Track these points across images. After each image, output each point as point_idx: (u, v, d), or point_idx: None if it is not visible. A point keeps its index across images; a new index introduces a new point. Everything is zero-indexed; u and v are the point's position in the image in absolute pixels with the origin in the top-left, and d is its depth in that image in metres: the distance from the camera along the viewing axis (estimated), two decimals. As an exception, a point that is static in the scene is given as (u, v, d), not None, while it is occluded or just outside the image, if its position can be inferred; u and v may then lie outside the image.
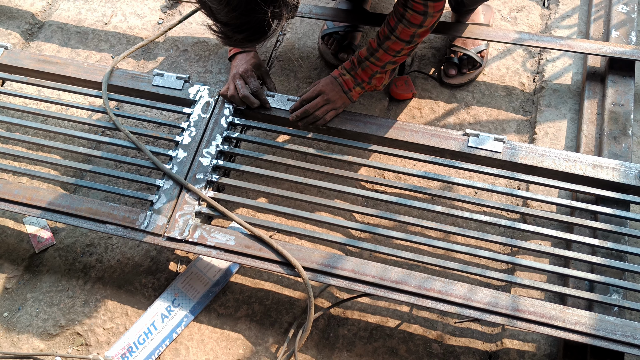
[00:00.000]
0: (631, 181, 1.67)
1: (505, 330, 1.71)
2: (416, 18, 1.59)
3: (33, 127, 1.90)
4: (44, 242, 1.90)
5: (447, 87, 2.11)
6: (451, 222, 1.84)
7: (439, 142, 1.76)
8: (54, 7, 2.47)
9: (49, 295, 1.83)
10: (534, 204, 1.86)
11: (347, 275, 1.58)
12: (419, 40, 1.68)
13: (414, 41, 1.66)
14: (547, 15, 2.27)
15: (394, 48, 1.68)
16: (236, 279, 1.81)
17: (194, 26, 2.34)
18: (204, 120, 1.84)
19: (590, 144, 1.87)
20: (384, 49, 1.69)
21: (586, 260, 1.58)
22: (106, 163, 2.00)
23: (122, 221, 1.68)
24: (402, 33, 1.64)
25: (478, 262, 1.78)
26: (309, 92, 1.81)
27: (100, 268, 1.86)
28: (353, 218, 1.87)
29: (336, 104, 1.79)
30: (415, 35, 1.64)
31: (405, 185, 1.71)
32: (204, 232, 1.66)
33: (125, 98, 1.91)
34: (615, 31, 2.04)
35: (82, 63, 1.97)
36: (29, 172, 1.80)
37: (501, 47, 2.19)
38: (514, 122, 2.03)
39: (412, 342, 1.70)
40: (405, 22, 1.61)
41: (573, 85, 2.07)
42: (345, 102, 1.81)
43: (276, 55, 2.25)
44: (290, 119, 1.81)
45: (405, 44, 1.66)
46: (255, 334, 1.74)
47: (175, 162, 1.77)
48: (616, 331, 1.47)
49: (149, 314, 1.74)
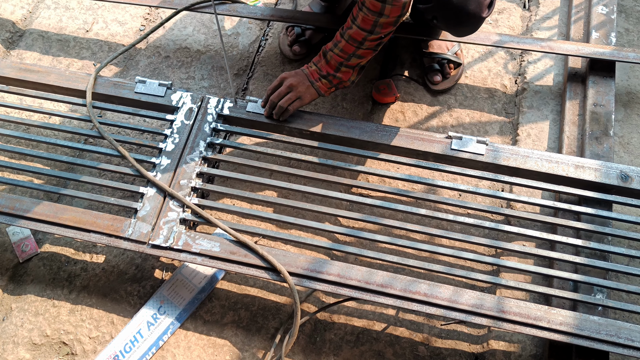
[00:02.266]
0: (613, 181, 1.69)
1: (491, 332, 1.71)
2: (374, 5, 1.58)
3: (15, 137, 1.89)
4: (28, 252, 1.89)
5: (431, 91, 2.11)
6: (435, 225, 1.85)
7: (422, 145, 1.77)
8: (34, 15, 2.45)
9: (34, 305, 1.81)
10: (518, 206, 1.87)
11: (333, 280, 1.58)
12: (382, 32, 1.66)
13: (376, 32, 1.65)
14: (527, 17, 2.28)
15: (355, 38, 1.68)
16: (222, 285, 1.81)
17: (175, 32, 2.33)
18: (187, 126, 1.83)
19: (573, 145, 1.89)
20: (346, 39, 1.69)
21: (570, 260, 1.59)
22: (89, 171, 1.99)
23: (106, 229, 1.68)
24: (363, 21, 1.63)
25: (463, 264, 1.78)
26: (274, 82, 1.82)
27: (85, 277, 1.85)
28: (338, 222, 1.87)
29: (300, 92, 1.79)
30: (377, 25, 1.63)
31: (389, 189, 1.72)
32: (189, 239, 1.66)
33: (108, 106, 1.90)
34: (595, 32, 2.06)
35: (63, 71, 1.96)
36: (12, 182, 1.79)
37: (483, 50, 2.20)
38: (497, 124, 2.05)
39: (398, 345, 1.71)
40: (365, 10, 1.61)
41: (554, 87, 2.09)
42: (312, 93, 1.80)
43: (259, 60, 2.25)
44: (265, 115, 1.83)
45: (367, 33, 1.66)
46: (242, 340, 1.74)
47: (159, 169, 1.76)
48: (600, 330, 1.48)
49: (135, 322, 1.73)
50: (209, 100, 1.88)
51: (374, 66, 2.16)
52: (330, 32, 1.75)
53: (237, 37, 2.31)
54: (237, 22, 2.35)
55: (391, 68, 2.17)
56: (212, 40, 2.31)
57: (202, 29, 2.34)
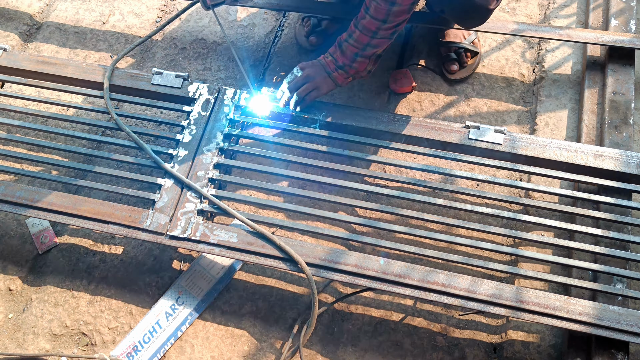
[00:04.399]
0: (633, 170, 1.67)
1: (509, 322, 1.70)
2: None
3: (33, 129, 1.91)
4: (47, 243, 1.90)
5: (448, 80, 2.10)
6: (453, 215, 1.84)
7: (440, 135, 1.76)
8: (51, 7, 2.47)
9: (53, 296, 1.83)
10: (536, 195, 1.85)
11: (350, 270, 1.58)
12: (395, 21, 1.64)
13: (389, 20, 1.63)
14: (545, 5, 2.26)
15: (369, 27, 1.66)
16: (240, 276, 1.82)
17: (191, 24, 2.34)
18: (204, 118, 1.83)
19: (592, 134, 1.87)
20: (360, 29, 1.68)
21: (589, 250, 1.58)
22: (107, 163, 1.99)
23: (124, 220, 1.69)
24: (376, 11, 1.62)
25: (481, 254, 1.78)
26: (292, 71, 1.82)
27: (104, 268, 1.86)
28: (355, 213, 1.86)
29: (318, 82, 1.79)
30: (390, 14, 1.61)
31: (406, 179, 1.71)
32: (207, 229, 1.66)
33: (125, 97, 1.91)
34: (614, 20, 2.04)
35: (80, 63, 1.97)
36: (31, 174, 1.81)
37: (500, 38, 2.18)
38: (515, 113, 2.03)
39: (416, 335, 1.71)
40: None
41: (573, 75, 2.07)
42: (329, 84, 1.81)
43: (275, 51, 2.24)
44: (280, 105, 1.83)
45: (381, 22, 1.64)
46: (259, 330, 1.74)
47: (176, 160, 1.77)
48: (620, 320, 1.47)
49: (153, 313, 1.74)
50: (226, 91, 1.88)
51: (390, 56, 2.15)
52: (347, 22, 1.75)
53: (253, 27, 2.31)
54: (253, 13, 2.34)
55: (408, 57, 2.16)
56: (229, 31, 2.31)
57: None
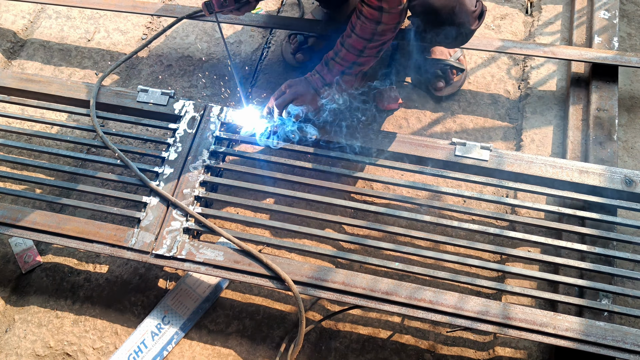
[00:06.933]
0: (617, 186, 1.68)
1: (497, 339, 1.70)
2: (372, 13, 1.59)
3: (17, 147, 1.89)
4: (31, 263, 1.88)
5: (435, 97, 2.11)
6: (440, 232, 1.84)
7: (426, 151, 1.76)
8: (35, 25, 2.46)
9: (37, 316, 1.81)
10: (523, 211, 1.86)
11: (338, 288, 1.57)
12: (381, 39, 1.66)
13: (375, 39, 1.65)
14: (530, 23, 2.28)
15: (355, 46, 1.68)
16: (226, 295, 1.80)
17: (177, 41, 2.33)
18: (190, 135, 1.83)
19: (577, 150, 1.88)
20: (346, 47, 1.69)
21: (575, 266, 1.58)
22: (92, 181, 1.98)
23: (109, 239, 1.67)
24: (362, 30, 1.64)
25: (468, 270, 1.78)
26: (278, 89, 1.83)
27: (89, 287, 1.84)
28: (342, 230, 1.86)
29: (305, 100, 1.79)
30: (376, 34, 1.64)
31: (393, 196, 1.71)
32: (192, 248, 1.65)
33: (111, 115, 1.90)
34: (597, 37, 2.06)
35: (65, 81, 1.96)
36: (14, 192, 1.79)
37: (486, 56, 2.20)
38: (501, 129, 2.04)
39: (404, 352, 1.70)
40: (363, 18, 1.61)
41: (558, 92, 2.08)
42: (316, 100, 1.81)
43: (261, 68, 2.25)
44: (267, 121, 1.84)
45: (367, 41, 1.66)
46: (246, 349, 1.73)
47: (162, 178, 1.76)
48: (607, 336, 1.47)
49: (139, 332, 1.72)
50: (212, 108, 1.88)
51: (377, 73, 2.16)
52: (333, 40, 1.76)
53: (240, 45, 2.31)
54: (239, 30, 2.35)
55: (394, 74, 2.17)
56: (215, 48, 2.31)
57: (204, 37, 2.34)
